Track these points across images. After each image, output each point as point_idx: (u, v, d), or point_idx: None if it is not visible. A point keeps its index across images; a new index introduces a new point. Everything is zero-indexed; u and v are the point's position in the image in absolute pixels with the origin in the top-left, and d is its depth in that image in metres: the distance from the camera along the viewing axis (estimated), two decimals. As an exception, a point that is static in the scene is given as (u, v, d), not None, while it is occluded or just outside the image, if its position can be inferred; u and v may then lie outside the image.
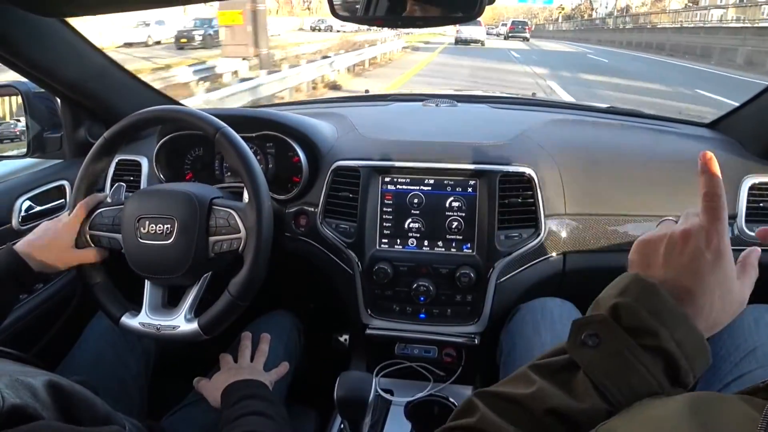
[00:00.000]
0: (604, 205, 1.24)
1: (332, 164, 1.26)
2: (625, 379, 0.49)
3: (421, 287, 1.21)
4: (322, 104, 1.91)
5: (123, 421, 0.76)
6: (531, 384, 0.52)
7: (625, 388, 0.49)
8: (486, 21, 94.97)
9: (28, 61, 1.17)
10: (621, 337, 0.50)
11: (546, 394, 0.51)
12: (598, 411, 0.49)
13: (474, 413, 0.53)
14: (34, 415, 0.56)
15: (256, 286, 0.99)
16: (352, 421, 1.02)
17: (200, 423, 1.03)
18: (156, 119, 1.10)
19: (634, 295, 0.51)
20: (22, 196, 1.29)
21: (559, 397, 0.50)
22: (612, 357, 0.50)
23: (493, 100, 1.80)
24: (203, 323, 0.99)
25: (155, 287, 1.06)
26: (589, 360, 0.50)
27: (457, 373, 1.30)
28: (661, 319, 0.49)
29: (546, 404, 0.50)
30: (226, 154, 1.02)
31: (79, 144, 1.44)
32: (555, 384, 0.51)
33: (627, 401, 0.48)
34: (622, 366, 0.49)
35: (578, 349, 0.52)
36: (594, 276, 0.80)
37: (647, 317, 0.50)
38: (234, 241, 1.00)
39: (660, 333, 0.49)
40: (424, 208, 1.22)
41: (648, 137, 1.45)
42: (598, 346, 0.50)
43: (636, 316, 0.50)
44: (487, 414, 0.51)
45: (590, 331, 0.51)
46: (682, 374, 0.50)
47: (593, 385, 0.49)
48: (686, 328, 0.50)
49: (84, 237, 1.05)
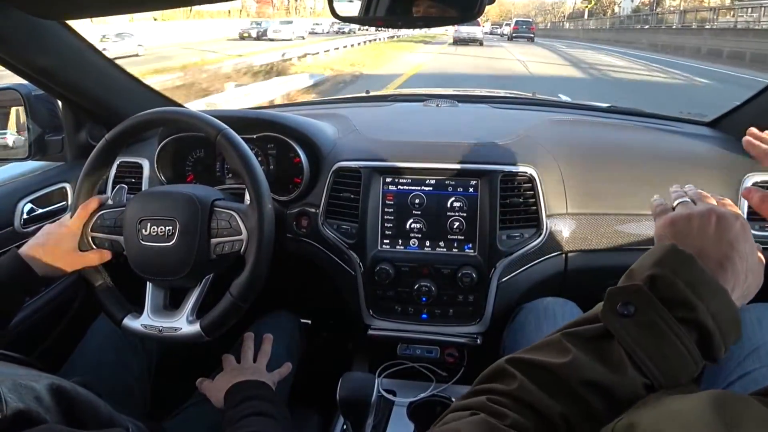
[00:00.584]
0: (605, 205, 1.24)
1: (333, 165, 1.26)
2: (659, 350, 0.48)
3: (422, 287, 1.21)
4: (323, 105, 1.91)
5: (126, 423, 0.76)
6: (566, 353, 0.51)
7: (658, 359, 0.48)
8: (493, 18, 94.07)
9: (28, 64, 1.17)
10: (657, 308, 0.49)
11: (581, 364, 0.50)
12: (635, 383, 0.49)
13: (512, 381, 0.52)
14: (37, 419, 0.56)
15: (257, 288, 0.99)
16: (355, 421, 1.03)
17: (203, 424, 1.03)
18: (157, 121, 1.10)
19: (672, 266, 0.51)
20: (23, 198, 1.29)
21: (595, 368, 0.50)
22: (647, 328, 0.49)
23: (494, 100, 1.81)
24: (205, 325, 0.99)
25: (157, 289, 1.06)
26: (623, 330, 0.50)
27: (459, 373, 1.30)
28: (698, 291, 0.49)
29: (582, 375, 0.49)
30: (228, 156, 1.02)
31: (80, 146, 1.44)
32: (589, 354, 0.51)
33: (661, 373, 0.48)
34: (657, 337, 0.49)
35: (612, 317, 0.51)
36: (596, 275, 0.80)
37: (684, 289, 0.49)
38: (236, 242, 0.99)
39: (697, 306, 0.49)
40: (426, 209, 1.22)
41: (649, 136, 1.45)
42: (633, 316, 0.50)
43: (673, 287, 0.50)
44: (525, 383, 0.51)
45: (625, 300, 0.51)
46: (715, 347, 0.50)
47: (627, 356, 0.49)
48: (722, 300, 0.50)
49: (86, 239, 1.05)
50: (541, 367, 0.52)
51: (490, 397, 0.51)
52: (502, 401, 0.51)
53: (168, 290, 1.07)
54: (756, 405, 0.41)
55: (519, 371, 0.52)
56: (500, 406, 0.50)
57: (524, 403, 0.50)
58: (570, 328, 0.55)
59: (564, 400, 0.49)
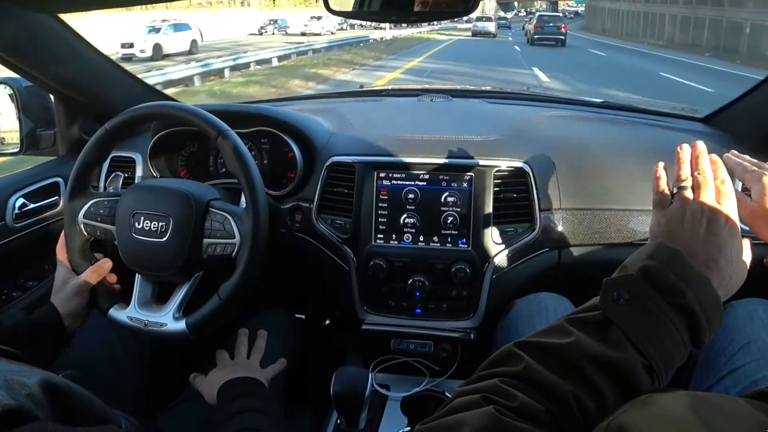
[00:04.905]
0: (598, 200, 1.24)
1: (327, 160, 1.26)
2: (655, 332, 0.53)
3: (416, 282, 1.21)
4: (317, 100, 1.90)
5: (119, 418, 0.76)
6: (569, 335, 0.55)
7: (655, 340, 0.53)
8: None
9: (20, 58, 1.16)
10: (650, 295, 0.54)
11: (585, 343, 0.54)
12: (635, 362, 0.52)
13: (519, 362, 0.55)
14: (29, 416, 0.55)
15: (246, 293, 0.99)
16: (349, 416, 1.03)
17: (196, 419, 1.03)
18: (158, 115, 1.10)
19: (662, 258, 0.56)
20: (15, 193, 1.28)
21: (597, 346, 0.53)
22: (642, 312, 0.54)
23: (488, 95, 1.80)
24: (191, 324, 0.99)
25: (145, 282, 1.06)
26: (622, 315, 0.54)
27: (453, 368, 1.30)
28: (686, 280, 0.55)
29: (586, 352, 0.53)
30: (227, 158, 1.01)
31: (72, 141, 1.44)
32: (591, 335, 0.55)
33: (657, 352, 0.53)
34: (653, 320, 0.54)
35: (611, 305, 0.55)
36: (589, 270, 0.80)
37: (673, 278, 0.54)
38: (228, 246, 0.99)
39: (686, 293, 0.54)
40: (420, 204, 1.22)
41: (643, 132, 1.45)
42: (630, 303, 0.55)
43: (663, 277, 0.55)
44: (531, 363, 0.54)
45: (621, 288, 0.55)
46: (701, 332, 0.55)
47: (626, 338, 0.53)
48: (708, 290, 0.55)
49: (78, 226, 1.06)
50: (546, 347, 0.55)
51: (503, 380, 0.53)
52: (511, 382, 0.53)
53: (156, 284, 1.07)
54: (745, 407, 0.42)
55: (525, 353, 0.55)
56: (510, 387, 0.52)
57: (533, 383, 0.52)
58: (573, 315, 0.59)
59: (571, 378, 0.52)
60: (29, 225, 1.31)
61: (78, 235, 1.07)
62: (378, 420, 1.19)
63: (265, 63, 15.35)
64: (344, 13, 0.87)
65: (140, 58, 17.65)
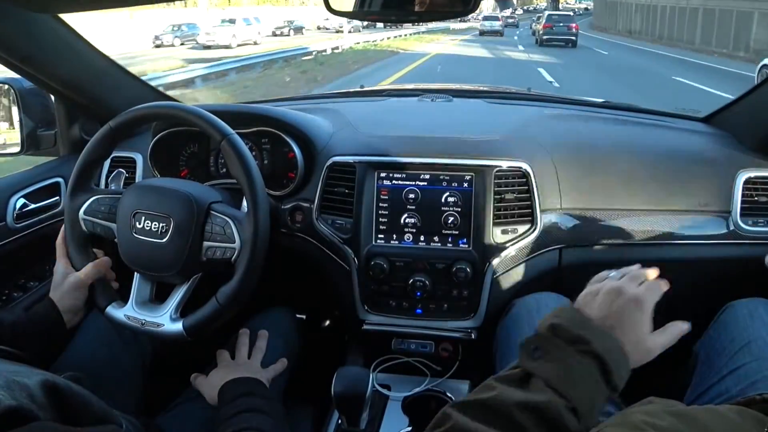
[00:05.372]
0: (599, 200, 1.24)
1: (328, 160, 1.25)
2: (570, 377, 0.60)
3: (417, 282, 1.21)
4: (317, 99, 1.90)
5: (120, 419, 0.76)
6: (494, 389, 0.62)
7: (572, 384, 0.60)
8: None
9: (21, 58, 1.16)
10: (560, 347, 0.63)
11: (509, 394, 0.60)
12: (557, 404, 0.58)
13: (447, 421, 0.60)
14: (30, 417, 0.55)
15: (245, 298, 0.99)
16: (350, 416, 1.03)
17: (197, 420, 1.03)
18: (163, 115, 1.10)
19: (568, 317, 0.66)
20: (16, 193, 1.28)
21: (521, 394, 0.60)
22: (558, 362, 0.62)
23: (488, 95, 1.80)
24: (188, 325, 0.99)
25: (144, 281, 1.06)
26: (540, 368, 0.62)
27: (454, 368, 1.30)
28: (589, 331, 0.64)
29: (511, 400, 0.59)
30: (230, 162, 1.01)
31: (73, 141, 1.44)
32: (515, 387, 0.62)
33: (578, 395, 0.59)
34: (566, 366, 0.61)
35: (529, 361, 0.64)
36: (590, 271, 0.80)
37: (578, 330, 0.64)
38: (228, 250, 0.99)
39: (591, 341, 0.62)
40: (420, 204, 1.22)
41: (643, 132, 1.45)
42: (544, 356, 0.63)
43: (569, 330, 0.64)
44: (459, 419, 0.59)
45: (535, 345, 0.64)
46: (615, 377, 0.62)
47: (547, 385, 0.60)
48: (611, 340, 0.64)
49: (78, 221, 1.06)
50: (473, 404, 0.61)
51: None
52: None
53: (155, 284, 1.07)
54: (733, 418, 0.45)
55: (456, 411, 0.61)
56: None
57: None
58: (498, 375, 0.66)
59: (501, 425, 0.57)
60: (30, 225, 1.31)
61: (78, 231, 1.07)
62: (379, 420, 1.19)
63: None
64: (345, 13, 0.87)
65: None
